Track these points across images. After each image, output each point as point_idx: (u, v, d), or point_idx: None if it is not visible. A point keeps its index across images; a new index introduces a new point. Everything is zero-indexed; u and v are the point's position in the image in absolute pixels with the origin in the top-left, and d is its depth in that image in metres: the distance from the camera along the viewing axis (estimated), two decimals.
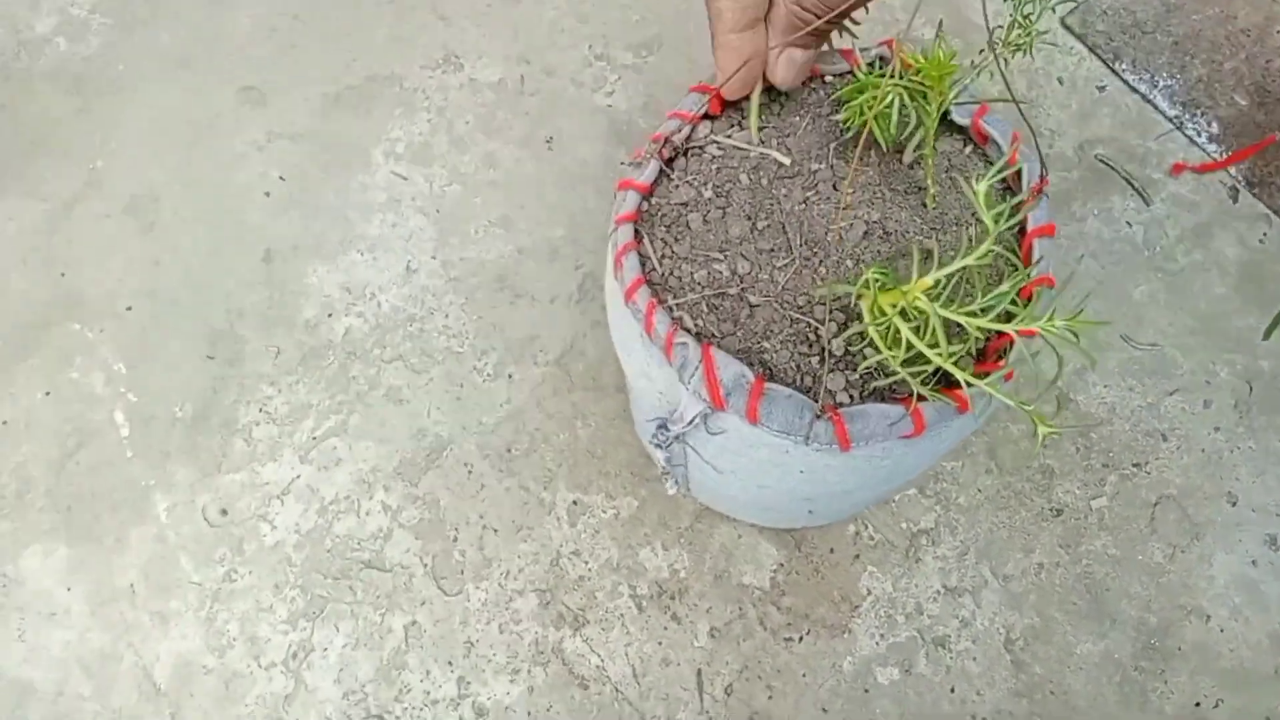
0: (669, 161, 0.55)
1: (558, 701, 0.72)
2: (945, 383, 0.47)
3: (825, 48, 0.53)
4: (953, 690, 0.73)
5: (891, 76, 0.45)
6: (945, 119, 0.54)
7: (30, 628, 0.75)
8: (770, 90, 0.54)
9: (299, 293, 0.86)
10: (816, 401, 0.47)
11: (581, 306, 0.85)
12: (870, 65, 0.47)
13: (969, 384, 0.40)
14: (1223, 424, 0.80)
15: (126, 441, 0.81)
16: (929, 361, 0.42)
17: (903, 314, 0.39)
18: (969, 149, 0.54)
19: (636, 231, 0.53)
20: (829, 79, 0.56)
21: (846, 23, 0.49)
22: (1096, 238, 0.87)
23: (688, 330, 0.50)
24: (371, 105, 0.95)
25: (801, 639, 0.74)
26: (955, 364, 0.39)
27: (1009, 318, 0.43)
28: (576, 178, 0.91)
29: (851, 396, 0.48)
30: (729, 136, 0.54)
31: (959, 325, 0.42)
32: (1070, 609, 0.75)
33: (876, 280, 0.39)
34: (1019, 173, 0.52)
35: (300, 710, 0.72)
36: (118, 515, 0.78)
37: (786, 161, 0.52)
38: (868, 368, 0.47)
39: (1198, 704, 0.72)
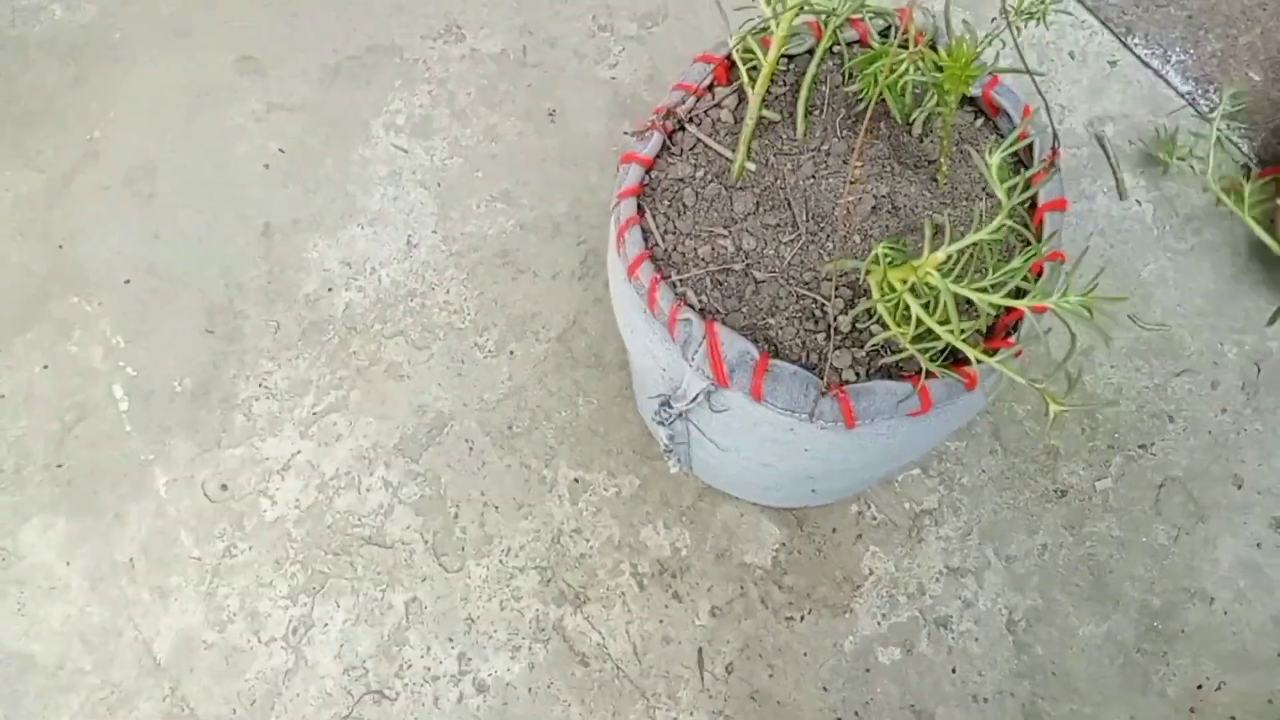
0: (671, 134, 0.53)
1: (559, 678, 0.72)
2: (953, 359, 0.46)
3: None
4: (954, 670, 0.72)
5: (905, 45, 0.44)
6: None
7: (30, 601, 0.74)
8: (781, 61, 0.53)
9: (299, 267, 0.86)
10: (822, 379, 0.46)
11: (584, 283, 0.84)
12: (882, 34, 0.46)
13: (979, 361, 0.39)
14: (1230, 405, 0.79)
15: (125, 415, 0.80)
16: (938, 338, 0.42)
17: (913, 290, 0.38)
18: (980, 121, 0.53)
19: (639, 206, 0.52)
20: (837, 49, 0.54)
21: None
22: (1106, 215, 0.86)
23: (691, 306, 0.49)
24: (372, 76, 0.93)
25: (803, 618, 0.74)
26: (965, 341, 0.39)
27: (1020, 294, 0.42)
28: (579, 152, 0.90)
29: (858, 374, 0.47)
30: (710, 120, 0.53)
31: (969, 301, 0.41)
32: (1073, 591, 0.74)
33: (886, 255, 0.39)
34: (1030, 146, 0.51)
35: (300, 685, 0.72)
36: (117, 490, 0.78)
37: (752, 168, 0.52)
38: (875, 345, 0.47)
39: (1199, 686, 0.71)
